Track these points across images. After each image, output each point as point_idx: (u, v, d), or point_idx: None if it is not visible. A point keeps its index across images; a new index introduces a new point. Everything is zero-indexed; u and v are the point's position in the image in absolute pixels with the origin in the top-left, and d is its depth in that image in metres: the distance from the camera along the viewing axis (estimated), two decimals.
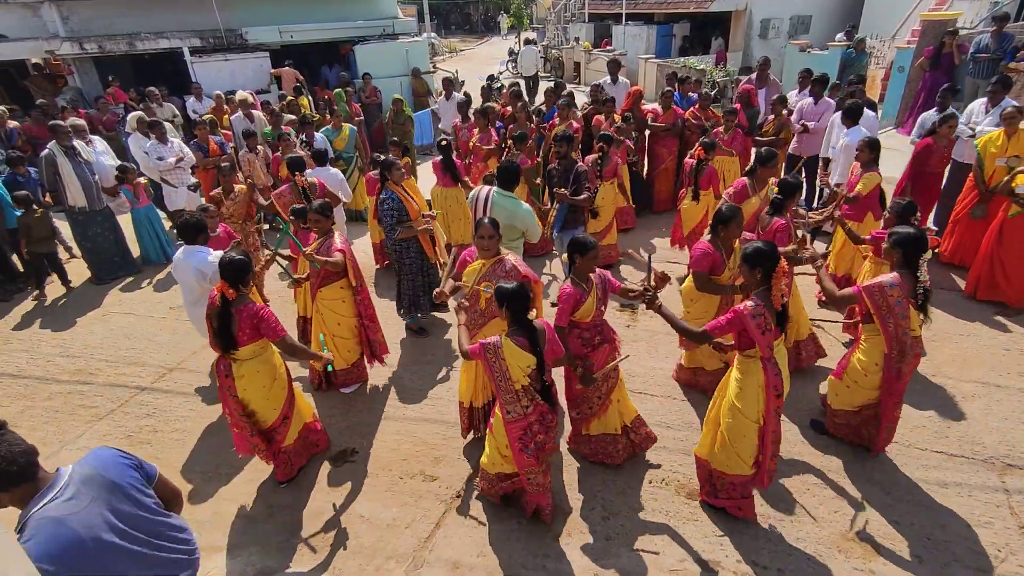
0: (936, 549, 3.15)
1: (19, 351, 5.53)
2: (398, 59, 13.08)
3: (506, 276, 3.43)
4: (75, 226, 6.63)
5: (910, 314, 3.25)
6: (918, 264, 3.26)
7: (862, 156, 5.00)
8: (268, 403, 3.52)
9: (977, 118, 5.97)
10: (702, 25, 18.45)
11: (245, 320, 3.28)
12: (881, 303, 3.26)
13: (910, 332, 3.27)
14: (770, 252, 2.91)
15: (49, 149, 6.20)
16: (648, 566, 3.14)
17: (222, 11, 12.14)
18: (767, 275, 2.93)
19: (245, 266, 3.29)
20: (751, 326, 2.88)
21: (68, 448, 4.24)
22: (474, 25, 50.01)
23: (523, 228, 4.41)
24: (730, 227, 3.71)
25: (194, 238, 4.18)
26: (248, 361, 3.42)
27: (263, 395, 3.49)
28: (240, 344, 3.33)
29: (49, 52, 11.17)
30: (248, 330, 3.31)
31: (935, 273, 5.92)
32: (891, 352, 3.31)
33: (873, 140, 5.02)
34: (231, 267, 3.25)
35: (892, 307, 3.23)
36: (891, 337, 3.27)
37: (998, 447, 3.79)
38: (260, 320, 3.29)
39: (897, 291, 3.22)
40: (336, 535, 3.42)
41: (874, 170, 4.92)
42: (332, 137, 7.73)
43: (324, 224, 4.26)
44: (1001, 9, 10.14)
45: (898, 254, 3.28)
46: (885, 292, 3.24)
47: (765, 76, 8.03)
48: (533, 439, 3.09)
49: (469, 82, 14.00)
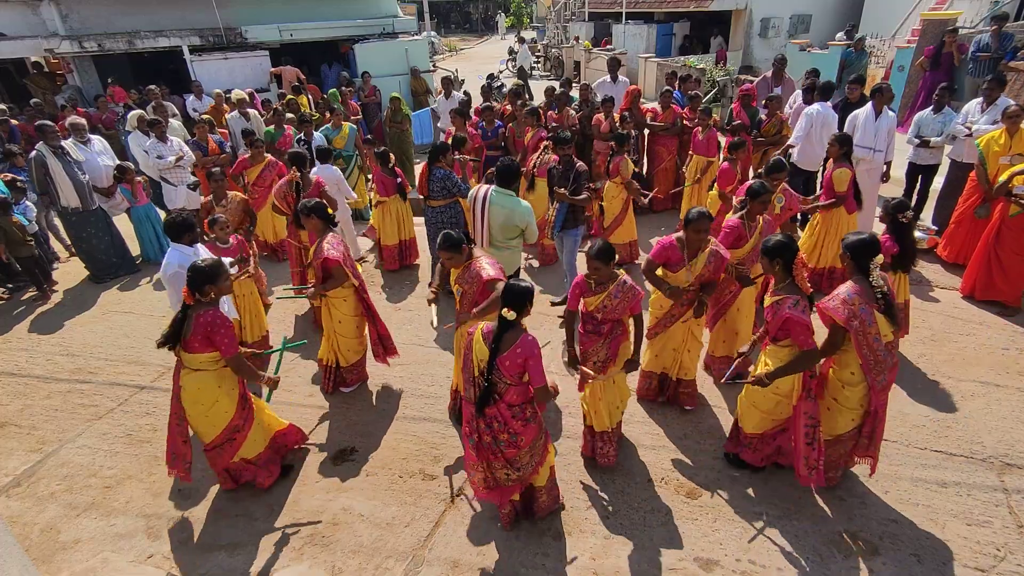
0: (935, 548, 3.16)
1: (18, 349, 5.53)
2: (398, 58, 13.08)
3: (471, 280, 3.59)
4: (70, 227, 6.60)
5: (876, 319, 3.04)
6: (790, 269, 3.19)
7: (832, 151, 5.11)
8: (206, 421, 3.39)
9: (973, 117, 5.98)
10: (702, 24, 18.44)
11: (199, 327, 3.16)
12: (849, 315, 3.02)
13: (881, 338, 3.07)
14: (788, 243, 3.08)
15: (38, 150, 6.12)
16: (648, 565, 3.15)
17: (222, 9, 12.13)
18: (787, 266, 3.08)
19: (207, 274, 3.19)
20: (808, 321, 3.03)
21: (68, 447, 4.24)
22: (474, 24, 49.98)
23: (522, 226, 4.41)
24: (696, 228, 3.62)
25: (179, 236, 4.07)
26: (193, 373, 3.30)
27: (200, 412, 3.36)
28: (189, 348, 3.22)
29: (48, 50, 11.16)
30: (200, 337, 3.18)
31: (935, 273, 5.94)
32: (867, 361, 3.08)
33: (844, 136, 5.13)
34: (192, 271, 3.18)
35: (857, 314, 3.02)
36: (861, 344, 3.05)
37: (997, 446, 3.80)
38: (214, 330, 3.17)
39: (857, 299, 3.03)
40: (336, 534, 3.42)
41: (846, 165, 5.02)
42: (332, 136, 7.73)
43: (316, 224, 4.22)
44: (1001, 8, 10.14)
45: (848, 259, 3.14)
46: (847, 303, 3.04)
47: (781, 74, 8.03)
48: (473, 432, 3.03)
49: (469, 81, 14.00)
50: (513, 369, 2.87)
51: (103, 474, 3.97)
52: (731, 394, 4.39)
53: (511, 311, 2.81)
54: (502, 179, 4.44)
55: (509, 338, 2.85)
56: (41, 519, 3.63)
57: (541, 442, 3.14)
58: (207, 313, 3.18)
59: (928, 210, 6.68)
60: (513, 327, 2.86)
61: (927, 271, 5.95)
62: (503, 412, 2.95)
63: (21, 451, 4.22)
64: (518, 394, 2.94)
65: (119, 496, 3.79)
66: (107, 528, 3.55)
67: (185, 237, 4.10)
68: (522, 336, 2.86)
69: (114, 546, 3.43)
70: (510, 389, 2.92)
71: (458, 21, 50.44)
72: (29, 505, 3.75)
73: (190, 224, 4.13)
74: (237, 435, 3.48)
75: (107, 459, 4.10)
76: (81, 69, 11.80)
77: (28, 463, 4.10)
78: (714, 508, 3.46)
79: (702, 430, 4.08)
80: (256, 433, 3.60)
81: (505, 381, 2.89)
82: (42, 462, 4.11)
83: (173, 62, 12.36)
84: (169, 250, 4.09)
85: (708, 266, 3.71)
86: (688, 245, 3.73)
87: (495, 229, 4.46)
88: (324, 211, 4.27)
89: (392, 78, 12.72)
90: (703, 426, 4.12)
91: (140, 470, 3.99)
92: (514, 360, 2.85)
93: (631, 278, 3.47)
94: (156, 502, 3.72)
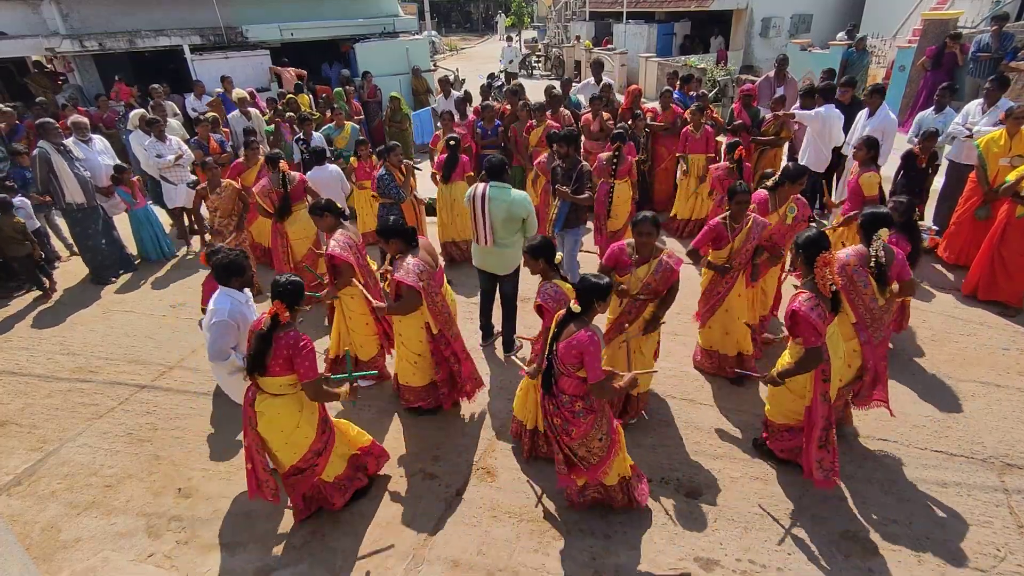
0: (935, 548, 3.15)
1: (19, 348, 5.54)
2: (398, 57, 13.08)
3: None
4: (74, 224, 6.59)
5: (871, 282, 3.44)
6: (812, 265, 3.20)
7: (860, 154, 4.97)
8: (287, 448, 3.18)
9: (974, 118, 5.96)
10: (703, 23, 18.44)
11: (281, 348, 2.94)
12: (844, 277, 3.44)
13: (877, 299, 3.47)
14: (816, 239, 3.10)
15: (41, 148, 6.13)
16: (648, 565, 3.15)
17: (222, 9, 12.13)
18: (809, 262, 3.08)
19: (301, 288, 3.05)
20: (815, 320, 3.02)
21: (68, 445, 4.24)
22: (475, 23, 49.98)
23: (523, 215, 4.41)
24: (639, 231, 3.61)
25: (227, 280, 3.61)
26: (272, 399, 3.07)
27: (281, 439, 3.14)
28: (270, 372, 2.98)
29: (49, 50, 11.15)
30: (282, 360, 2.95)
31: (935, 273, 5.94)
32: (861, 319, 3.50)
33: (871, 139, 4.96)
34: (289, 286, 3.00)
35: (850, 275, 3.44)
36: (856, 304, 3.48)
37: (997, 447, 3.80)
38: (296, 352, 2.94)
39: (854, 260, 3.45)
40: (336, 533, 3.42)
41: (873, 169, 4.90)
42: (334, 136, 7.73)
43: (325, 223, 4.24)
44: (1001, 8, 10.12)
45: (860, 231, 3.53)
46: (845, 266, 3.45)
47: (783, 74, 8.03)
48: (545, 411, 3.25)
49: (470, 80, 14.00)
50: (568, 359, 2.93)
51: (104, 473, 3.97)
52: (729, 393, 4.40)
53: (578, 304, 2.91)
54: (492, 174, 4.46)
55: (571, 328, 2.93)
56: (42, 518, 3.64)
57: (600, 442, 3.14)
58: (289, 335, 2.96)
59: (928, 210, 6.67)
60: (578, 319, 2.93)
61: (928, 271, 5.94)
62: (559, 398, 3.09)
63: (22, 450, 4.22)
64: (569, 385, 3.03)
65: (119, 495, 3.79)
66: (107, 527, 3.55)
67: (234, 281, 3.62)
68: (581, 331, 2.89)
69: (114, 545, 3.43)
70: (562, 378, 3.03)
71: (459, 20, 50.48)
72: (30, 504, 3.75)
73: (239, 266, 3.61)
74: (319, 459, 3.26)
75: (108, 458, 4.11)
76: (82, 68, 11.79)
77: (29, 462, 4.11)
78: (714, 508, 3.46)
79: (702, 430, 4.08)
80: (338, 453, 3.40)
81: (558, 369, 3.01)
82: (43, 461, 4.11)
83: (174, 61, 12.35)
84: (218, 294, 3.59)
85: (655, 275, 3.65)
86: (637, 249, 3.70)
87: (498, 225, 4.45)
88: (335, 207, 4.24)
89: (393, 77, 12.72)
90: (703, 426, 4.12)
91: (141, 469, 3.99)
92: (568, 350, 2.91)
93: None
94: (156, 501, 3.72)
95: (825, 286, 3.03)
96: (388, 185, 5.79)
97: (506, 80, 15.52)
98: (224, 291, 3.59)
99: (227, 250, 3.67)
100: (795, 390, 3.35)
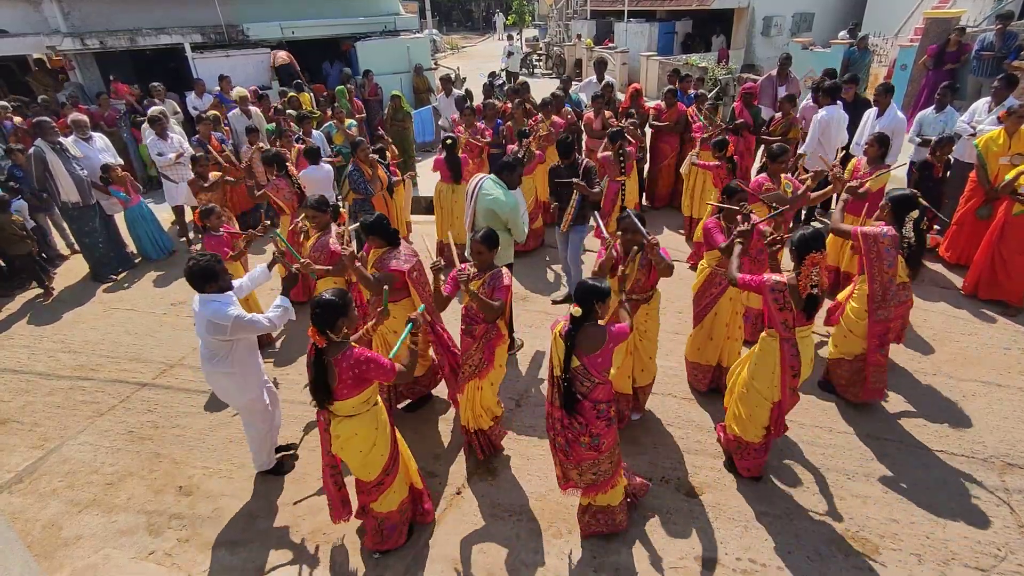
0: (935, 548, 3.16)
1: (20, 346, 5.54)
2: (399, 56, 13.07)
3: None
4: (71, 222, 6.62)
5: (897, 263, 3.70)
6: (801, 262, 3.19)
7: (871, 151, 4.94)
8: (364, 468, 3.02)
9: (980, 117, 5.94)
10: (704, 22, 18.41)
11: (345, 371, 2.72)
12: (872, 247, 3.70)
13: (895, 279, 3.70)
14: (810, 237, 3.05)
15: (37, 146, 6.14)
16: (648, 564, 3.15)
17: (223, 7, 12.12)
18: (799, 258, 3.05)
19: (335, 306, 2.70)
20: (768, 298, 3.11)
21: (69, 443, 4.25)
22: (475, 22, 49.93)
23: (503, 218, 4.35)
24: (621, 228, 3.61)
25: (202, 287, 3.30)
26: (346, 420, 2.88)
27: (360, 459, 2.97)
28: (339, 397, 2.79)
29: (50, 48, 11.15)
30: (350, 382, 2.75)
31: (937, 273, 5.93)
32: (874, 294, 3.75)
33: (882, 136, 4.92)
34: (317, 307, 2.68)
35: (881, 252, 3.68)
36: (873, 279, 3.73)
37: (998, 446, 3.79)
38: (365, 367, 2.75)
39: (887, 240, 3.67)
40: (336, 532, 3.42)
41: (883, 167, 4.86)
42: (334, 133, 7.72)
43: (321, 219, 4.24)
44: (1005, 7, 10.09)
45: (888, 210, 3.73)
46: (878, 240, 3.69)
47: (785, 73, 8.01)
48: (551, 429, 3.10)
49: (471, 79, 13.99)
50: (605, 365, 2.87)
51: (104, 471, 3.98)
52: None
53: (578, 308, 2.76)
54: (498, 169, 4.47)
55: (593, 336, 2.81)
56: (43, 516, 3.64)
57: (617, 452, 3.10)
58: (346, 355, 2.73)
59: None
60: (592, 324, 2.83)
61: (928, 271, 5.93)
62: (588, 412, 2.90)
63: (23, 448, 4.23)
64: (604, 392, 2.92)
65: (120, 493, 3.80)
66: (108, 525, 3.56)
67: (209, 286, 3.30)
68: (607, 331, 2.82)
69: (115, 543, 3.44)
70: (597, 388, 2.88)
71: (460, 19, 50.42)
72: (31, 501, 3.76)
73: (213, 271, 3.28)
74: (386, 479, 3.09)
75: (109, 456, 4.11)
76: (83, 66, 11.79)
77: (30, 460, 4.11)
78: (714, 507, 3.46)
79: (702, 429, 4.08)
80: (399, 482, 3.19)
81: (593, 380, 2.86)
82: (44, 459, 4.12)
83: (174, 60, 12.35)
84: (205, 301, 3.29)
85: (642, 270, 3.62)
86: (625, 246, 3.67)
87: (479, 215, 4.44)
88: (325, 206, 4.28)
89: (394, 76, 12.71)
90: (703, 426, 4.12)
91: (141, 467, 4.00)
92: (606, 356, 2.84)
93: None
94: (157, 499, 3.73)
95: (806, 285, 2.99)
96: (357, 181, 5.88)
97: (507, 79, 15.52)
98: (207, 297, 3.29)
99: (197, 255, 3.33)
100: (763, 392, 3.31)
